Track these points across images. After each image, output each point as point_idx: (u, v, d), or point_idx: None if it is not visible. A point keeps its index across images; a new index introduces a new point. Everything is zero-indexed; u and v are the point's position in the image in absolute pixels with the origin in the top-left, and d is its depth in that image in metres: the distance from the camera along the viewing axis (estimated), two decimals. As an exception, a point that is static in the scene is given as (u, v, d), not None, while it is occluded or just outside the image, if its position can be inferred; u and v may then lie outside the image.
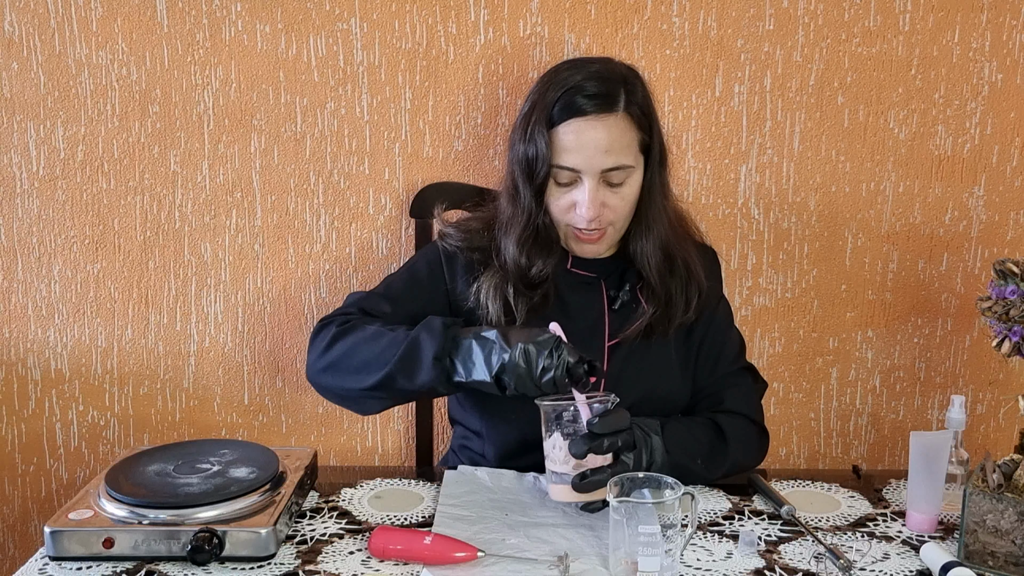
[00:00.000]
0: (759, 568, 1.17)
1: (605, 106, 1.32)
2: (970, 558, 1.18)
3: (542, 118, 1.34)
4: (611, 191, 1.35)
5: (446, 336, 1.27)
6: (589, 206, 1.33)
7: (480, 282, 1.41)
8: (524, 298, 1.39)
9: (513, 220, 1.40)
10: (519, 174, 1.38)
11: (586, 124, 1.32)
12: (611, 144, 1.32)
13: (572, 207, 1.36)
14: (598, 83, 1.33)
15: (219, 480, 1.25)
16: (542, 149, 1.34)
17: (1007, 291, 1.19)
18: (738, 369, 1.51)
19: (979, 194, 1.75)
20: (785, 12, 1.67)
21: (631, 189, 1.37)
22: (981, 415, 1.85)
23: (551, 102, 1.34)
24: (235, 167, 1.71)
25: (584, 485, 1.21)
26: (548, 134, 1.34)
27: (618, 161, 1.33)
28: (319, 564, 1.17)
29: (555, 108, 1.33)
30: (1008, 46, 1.70)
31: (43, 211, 1.72)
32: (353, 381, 1.32)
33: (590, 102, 1.32)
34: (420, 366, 1.26)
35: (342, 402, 1.40)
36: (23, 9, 1.65)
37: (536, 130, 1.34)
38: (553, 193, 1.37)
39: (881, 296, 1.80)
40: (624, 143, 1.34)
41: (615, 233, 1.41)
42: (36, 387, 1.79)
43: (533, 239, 1.39)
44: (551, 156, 1.34)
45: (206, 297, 1.76)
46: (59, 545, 1.15)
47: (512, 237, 1.39)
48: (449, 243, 1.46)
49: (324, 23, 1.66)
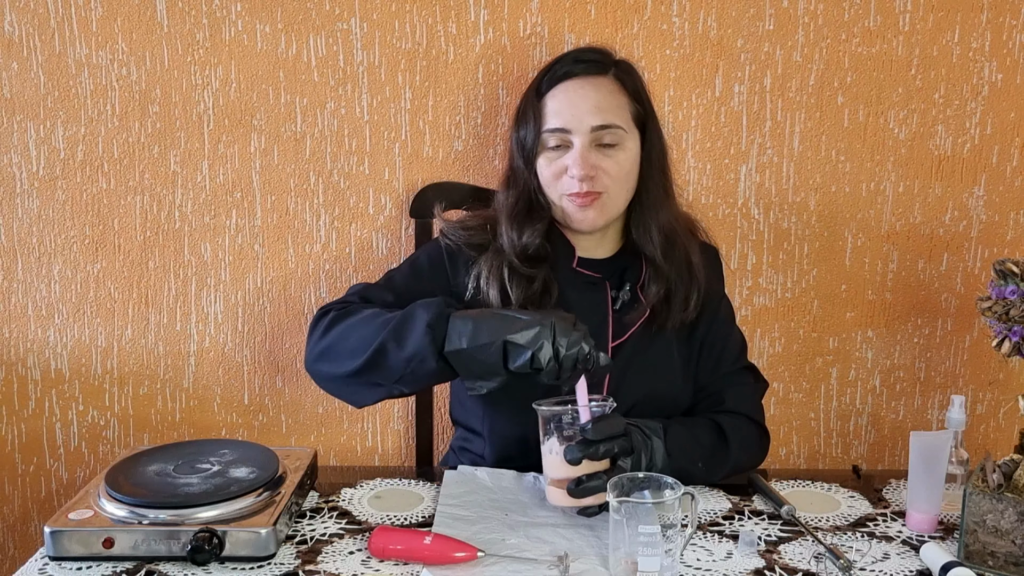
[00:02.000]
0: (759, 568, 1.17)
1: (594, 69, 1.35)
2: (970, 558, 1.18)
3: (532, 95, 1.37)
4: (603, 154, 1.34)
5: (442, 307, 1.24)
6: (580, 163, 1.32)
7: (479, 266, 1.40)
8: (521, 281, 1.37)
9: (508, 200, 1.41)
10: (516, 156, 1.39)
11: (574, 84, 1.34)
12: (600, 102, 1.32)
13: (563, 172, 1.35)
14: (587, 52, 1.38)
15: (219, 480, 1.25)
16: (532, 120, 1.36)
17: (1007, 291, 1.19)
18: (739, 368, 1.51)
19: (979, 194, 1.75)
20: (785, 12, 1.67)
21: (626, 156, 1.35)
22: (981, 415, 1.85)
23: (540, 78, 1.37)
24: (235, 167, 1.71)
25: (580, 491, 1.21)
26: (538, 104, 1.35)
27: (607, 119, 1.32)
28: (319, 564, 1.17)
29: (544, 79, 1.37)
30: (1008, 46, 1.70)
31: (43, 211, 1.72)
32: (347, 363, 1.28)
33: (579, 66, 1.35)
34: (412, 332, 1.22)
35: (337, 389, 1.35)
36: (23, 9, 1.65)
37: (528, 108, 1.37)
38: (545, 162, 1.37)
39: (881, 296, 1.80)
40: (614, 104, 1.34)
41: (610, 202, 1.37)
42: (36, 387, 1.79)
43: (526, 211, 1.39)
44: (541, 123, 1.35)
45: (206, 297, 1.76)
46: (59, 545, 1.15)
47: (505, 213, 1.40)
48: (450, 240, 1.46)
49: (324, 23, 1.66)
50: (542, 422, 1.26)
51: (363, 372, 1.27)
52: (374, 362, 1.25)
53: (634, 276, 1.44)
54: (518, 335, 1.17)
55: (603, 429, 1.20)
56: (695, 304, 1.43)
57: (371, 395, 1.31)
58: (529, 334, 1.17)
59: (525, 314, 1.19)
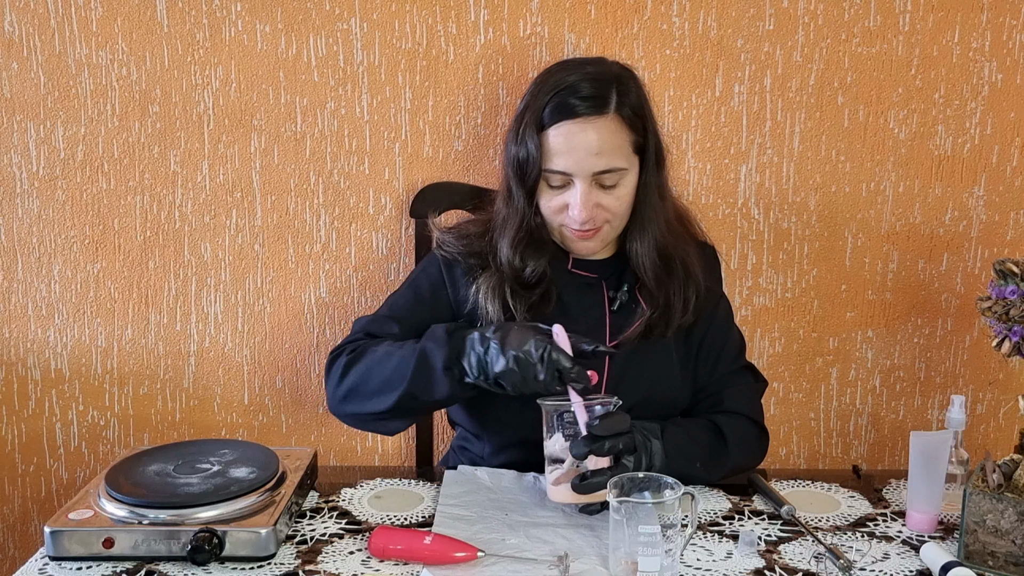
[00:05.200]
0: (759, 568, 1.17)
1: (595, 108, 1.31)
2: (970, 558, 1.18)
3: (532, 121, 1.34)
4: (604, 192, 1.35)
5: (451, 344, 1.28)
6: (581, 209, 1.33)
7: (478, 284, 1.41)
8: (522, 298, 1.39)
9: (508, 221, 1.40)
10: (512, 176, 1.38)
11: (576, 127, 1.31)
12: (602, 146, 1.32)
13: (564, 208, 1.36)
14: (589, 84, 1.33)
15: (219, 480, 1.25)
16: (532, 152, 1.33)
17: (1007, 291, 1.19)
18: (738, 368, 1.51)
19: (979, 194, 1.75)
20: (785, 12, 1.67)
21: (626, 190, 1.36)
22: (981, 415, 1.85)
23: (541, 105, 1.34)
24: (235, 167, 1.71)
25: (583, 487, 1.21)
26: (539, 137, 1.33)
27: (609, 164, 1.32)
28: (319, 564, 1.17)
29: (545, 111, 1.33)
30: (1008, 46, 1.70)
31: (43, 211, 1.72)
32: (374, 404, 1.33)
33: (581, 104, 1.31)
34: (433, 379, 1.28)
35: (367, 427, 1.43)
36: (23, 9, 1.65)
37: (527, 133, 1.34)
38: (545, 194, 1.37)
39: (881, 296, 1.80)
40: (615, 144, 1.33)
41: (611, 231, 1.40)
42: (36, 387, 1.79)
43: (526, 241, 1.39)
44: (541, 159, 1.34)
45: (206, 297, 1.76)
46: (59, 545, 1.15)
47: (506, 239, 1.39)
48: (447, 251, 1.46)
49: (324, 23, 1.66)
50: (546, 418, 1.26)
51: (393, 412, 1.34)
52: (404, 405, 1.32)
53: (632, 277, 1.44)
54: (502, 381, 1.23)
55: (609, 425, 1.21)
56: (693, 308, 1.43)
57: (403, 424, 1.41)
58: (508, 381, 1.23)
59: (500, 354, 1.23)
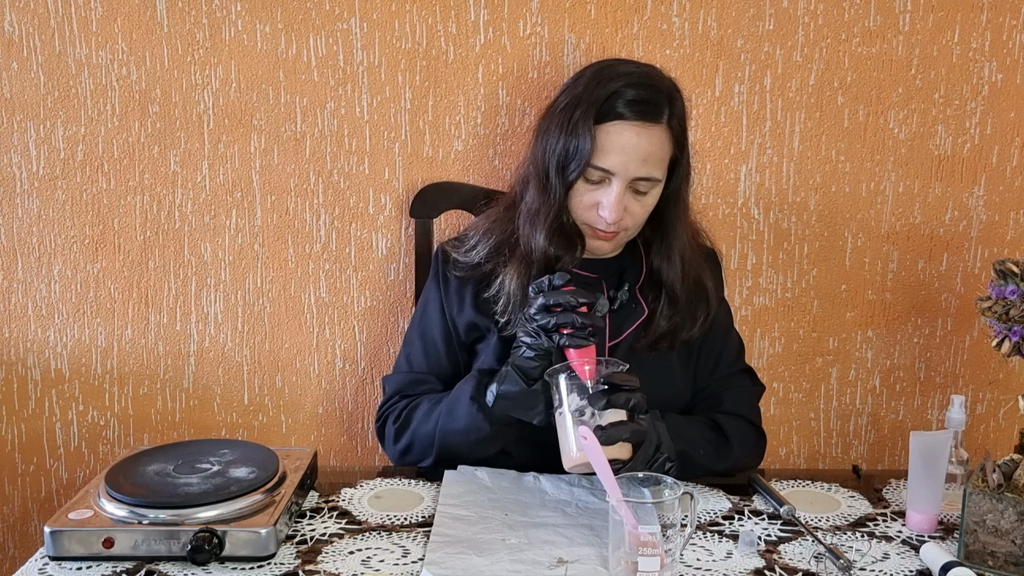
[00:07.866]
0: (759, 568, 1.17)
1: (652, 115, 1.33)
2: (970, 558, 1.18)
3: (590, 113, 1.33)
4: (635, 198, 1.36)
5: (479, 377, 1.37)
6: (614, 209, 1.34)
7: (504, 272, 1.41)
8: None
9: (541, 212, 1.38)
10: (552, 166, 1.36)
11: (632, 130, 1.32)
12: (650, 155, 1.33)
13: (595, 207, 1.36)
14: (648, 90, 1.34)
15: (219, 480, 1.24)
16: (585, 145, 1.32)
17: (1007, 291, 1.19)
18: (737, 371, 1.51)
19: (979, 194, 1.75)
20: (785, 12, 1.67)
21: (652, 199, 1.38)
22: (981, 415, 1.85)
23: (601, 97, 1.33)
24: (235, 167, 1.71)
25: (605, 436, 1.19)
26: (594, 130, 1.32)
27: (650, 172, 1.34)
28: (319, 564, 1.17)
29: (604, 104, 1.32)
30: (1008, 46, 1.70)
31: (43, 211, 1.72)
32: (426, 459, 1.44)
33: (640, 107, 1.32)
34: (459, 408, 1.36)
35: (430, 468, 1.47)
36: (23, 9, 1.65)
37: (581, 124, 1.33)
38: (579, 189, 1.36)
39: (881, 296, 1.80)
40: (661, 155, 1.35)
41: (626, 236, 1.42)
42: (36, 387, 1.79)
43: (559, 231, 1.38)
44: (591, 154, 1.33)
45: (206, 297, 1.76)
46: (59, 545, 1.15)
47: (541, 228, 1.38)
48: (454, 273, 1.47)
49: (324, 23, 1.66)
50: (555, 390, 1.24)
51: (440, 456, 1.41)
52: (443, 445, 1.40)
53: (633, 277, 1.44)
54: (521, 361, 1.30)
55: (625, 377, 1.22)
56: (700, 326, 1.44)
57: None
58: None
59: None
